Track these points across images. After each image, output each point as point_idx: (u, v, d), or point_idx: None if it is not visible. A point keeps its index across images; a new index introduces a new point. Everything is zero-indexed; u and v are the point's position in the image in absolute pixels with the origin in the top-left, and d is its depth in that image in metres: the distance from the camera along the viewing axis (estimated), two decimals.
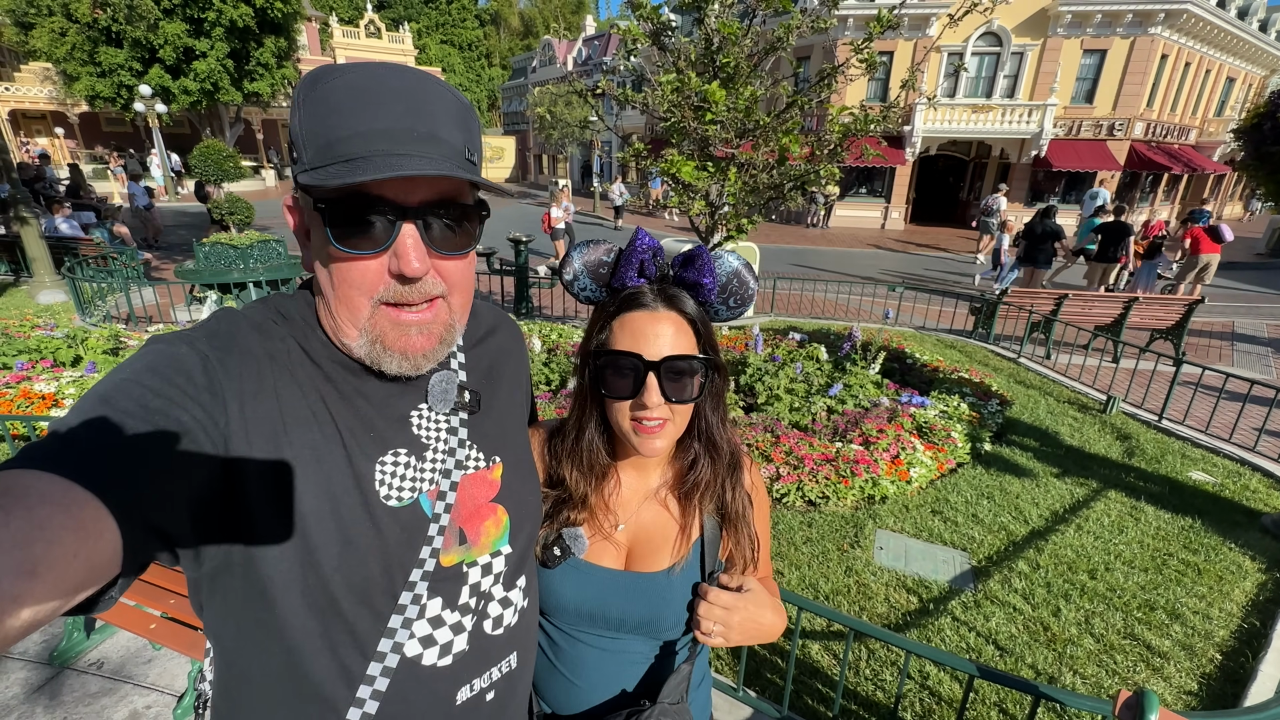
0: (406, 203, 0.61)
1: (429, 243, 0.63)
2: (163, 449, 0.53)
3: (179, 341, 0.61)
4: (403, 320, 0.65)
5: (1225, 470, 4.44)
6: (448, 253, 0.66)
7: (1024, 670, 2.57)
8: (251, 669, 0.67)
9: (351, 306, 0.65)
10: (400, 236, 0.61)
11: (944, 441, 4.31)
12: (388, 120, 0.59)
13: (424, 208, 0.62)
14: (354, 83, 0.59)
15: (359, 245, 0.61)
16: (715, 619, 0.87)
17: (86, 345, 4.91)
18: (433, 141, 0.60)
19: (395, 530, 0.68)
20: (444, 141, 0.61)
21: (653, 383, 0.83)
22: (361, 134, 0.58)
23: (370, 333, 0.65)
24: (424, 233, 0.63)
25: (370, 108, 0.58)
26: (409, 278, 0.63)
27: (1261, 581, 3.23)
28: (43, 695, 2.18)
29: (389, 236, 0.61)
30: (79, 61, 18.27)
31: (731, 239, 4.70)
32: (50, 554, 0.39)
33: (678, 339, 0.84)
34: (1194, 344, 8.03)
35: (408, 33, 36.06)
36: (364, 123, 0.58)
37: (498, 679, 0.78)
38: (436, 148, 0.60)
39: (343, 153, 0.58)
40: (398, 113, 0.59)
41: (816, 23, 4.32)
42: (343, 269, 0.63)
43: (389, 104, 0.59)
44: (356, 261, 0.62)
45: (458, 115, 0.64)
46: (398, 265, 0.62)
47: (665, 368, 0.83)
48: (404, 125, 0.59)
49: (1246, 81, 23.96)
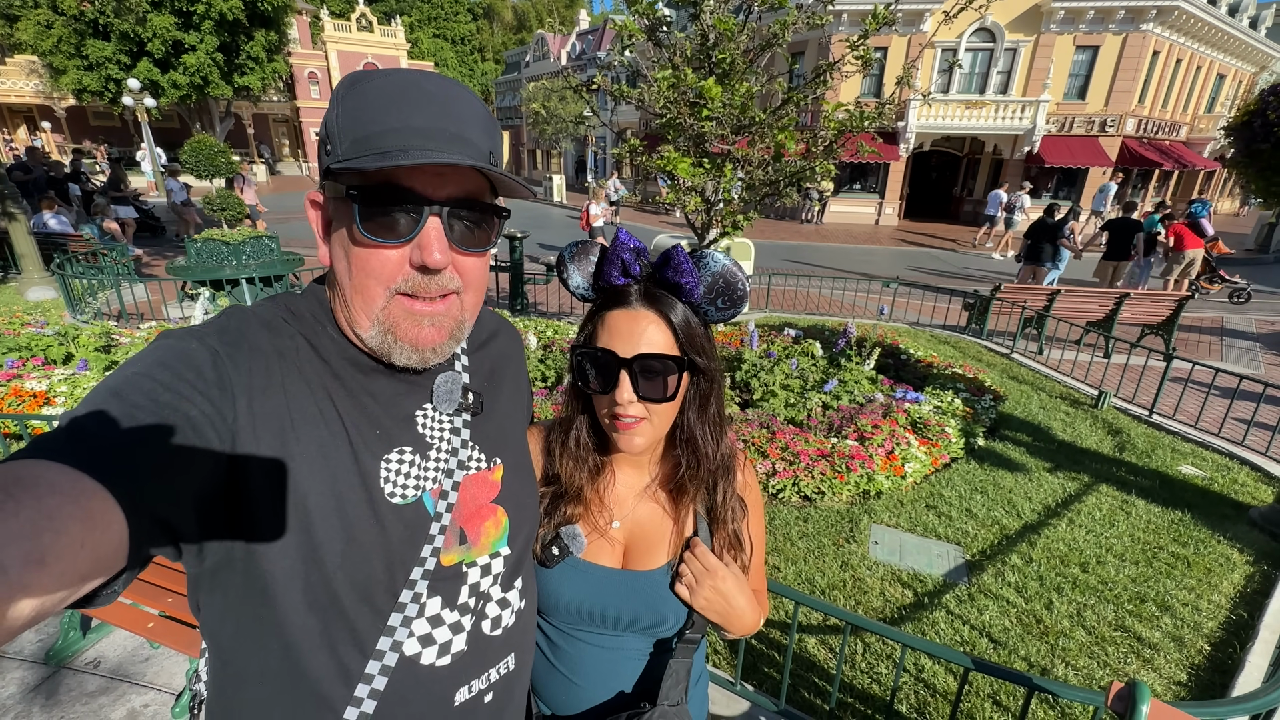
0: (434, 196, 0.64)
1: (451, 237, 0.66)
2: (171, 443, 0.53)
3: (189, 337, 0.62)
4: (416, 310, 0.67)
5: (1214, 464, 4.50)
6: (468, 249, 0.68)
7: (1017, 662, 2.60)
8: (249, 667, 0.67)
9: (367, 296, 0.66)
10: (426, 228, 0.64)
11: (938, 437, 4.34)
12: (422, 120, 0.62)
13: (450, 202, 0.65)
14: (392, 84, 0.63)
15: (385, 234, 0.63)
16: (692, 571, 0.91)
17: (78, 343, 4.86)
18: (462, 142, 0.63)
19: (399, 528, 0.68)
20: (472, 143, 0.64)
21: (625, 379, 0.84)
22: (397, 129, 0.61)
23: (383, 322, 0.67)
24: (447, 227, 0.65)
25: (406, 107, 0.61)
26: (430, 269, 0.65)
27: (1249, 574, 3.28)
28: (39, 695, 2.18)
29: (414, 228, 0.64)
30: (65, 54, 18.01)
31: (727, 235, 4.71)
32: (58, 544, 0.39)
33: (654, 338, 0.85)
34: (1184, 339, 8.11)
35: (400, 26, 35.74)
36: (400, 120, 0.61)
37: (496, 680, 0.79)
38: (466, 148, 0.63)
39: (378, 145, 0.60)
40: (432, 113, 0.62)
41: (812, 19, 4.32)
42: (363, 257, 0.65)
43: (424, 105, 0.62)
44: (379, 250, 0.64)
45: (485, 122, 0.67)
46: (420, 256, 0.64)
47: (638, 365, 0.84)
48: (437, 125, 0.62)
49: (1236, 78, 24.13)
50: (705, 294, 0.87)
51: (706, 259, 0.86)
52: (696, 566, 0.91)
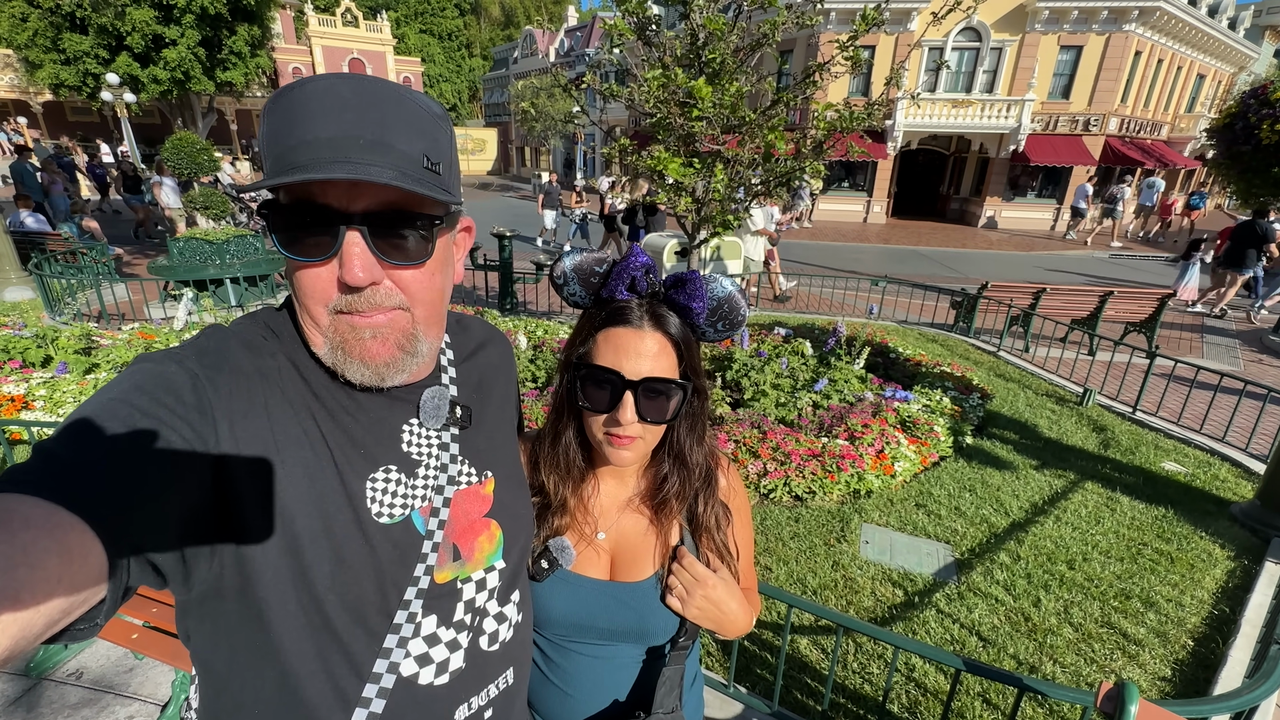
0: (350, 209, 0.60)
1: (378, 252, 0.62)
2: (151, 470, 0.51)
3: (168, 360, 0.60)
4: (357, 324, 0.65)
5: (1196, 460, 4.57)
6: (398, 262, 0.64)
7: (1006, 660, 2.63)
8: (243, 696, 0.65)
9: (313, 314, 0.65)
10: (344, 244, 0.60)
11: (927, 435, 4.38)
12: (334, 128, 0.58)
13: (370, 215, 0.61)
14: (310, 93, 0.59)
15: (306, 252, 0.61)
16: (682, 583, 0.91)
17: (57, 345, 4.76)
18: (380, 149, 0.59)
19: (388, 548, 0.67)
20: (395, 149, 0.60)
21: (629, 401, 0.84)
22: (307, 142, 0.58)
23: (333, 339, 0.65)
24: (370, 241, 0.62)
25: (319, 116, 0.58)
26: (351, 286, 0.62)
27: (1230, 569, 3.34)
28: (19, 708, 2.13)
29: (334, 245, 0.61)
30: (42, 48, 17.59)
31: (717, 235, 4.71)
32: (33, 579, 0.38)
33: (659, 360, 0.84)
34: (1166, 336, 8.24)
35: (386, 21, 35.32)
36: (310, 131, 0.58)
37: (495, 696, 0.78)
38: (385, 155, 0.59)
39: (290, 160, 0.58)
40: (346, 121, 0.58)
41: (801, 18, 4.32)
42: (299, 277, 0.63)
43: (337, 113, 0.58)
44: (308, 269, 0.62)
45: (418, 123, 0.63)
46: (342, 273, 0.62)
47: (643, 388, 0.83)
48: (350, 133, 0.58)
49: (1216, 78, 24.52)
50: (708, 318, 0.87)
51: (713, 283, 0.86)
52: (686, 578, 0.91)
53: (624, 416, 0.83)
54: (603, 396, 0.85)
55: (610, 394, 0.84)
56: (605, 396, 0.85)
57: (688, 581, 0.91)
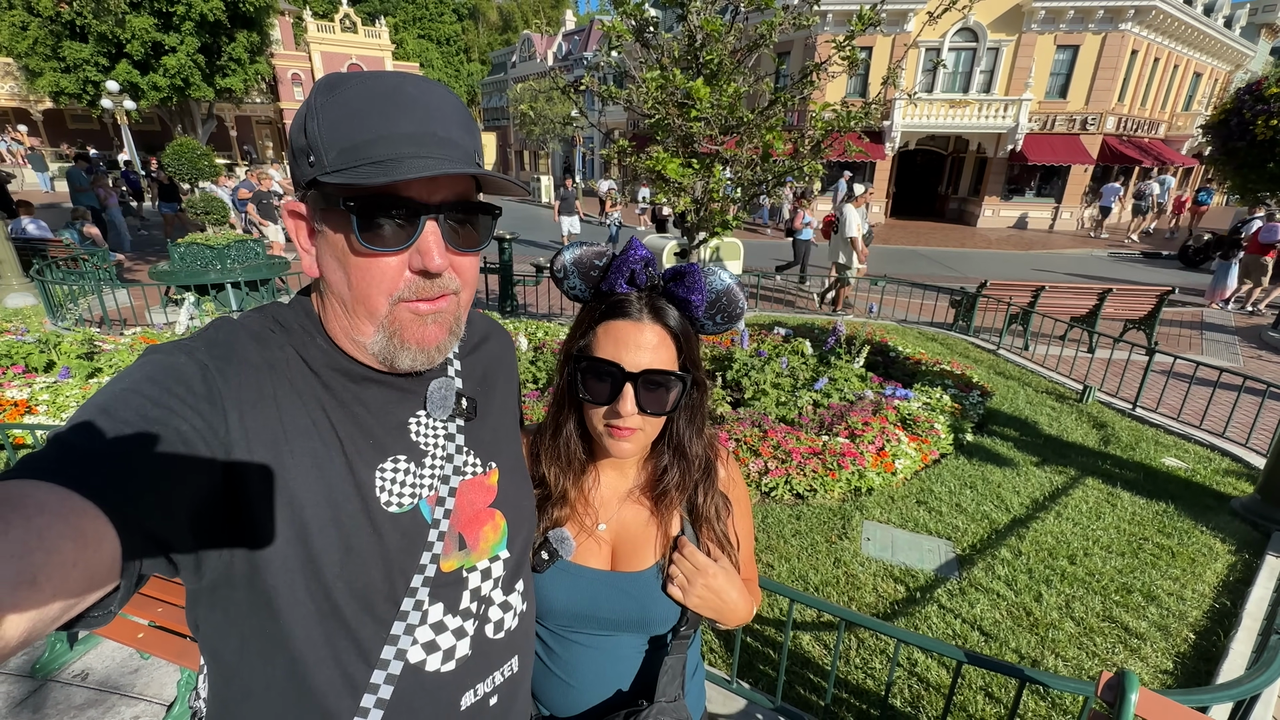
0: (430, 201, 0.64)
1: (447, 240, 0.66)
2: (162, 458, 0.53)
3: (178, 351, 0.61)
4: (421, 311, 0.67)
5: (1196, 456, 4.58)
6: (463, 249, 0.68)
7: (1008, 654, 2.64)
8: (253, 683, 0.66)
9: (371, 305, 0.66)
10: (424, 233, 0.64)
11: (927, 433, 4.39)
12: (410, 125, 0.61)
13: (444, 206, 0.65)
14: (373, 89, 0.62)
15: (385, 243, 0.63)
16: (683, 572, 0.91)
17: (59, 350, 4.78)
18: (449, 144, 0.64)
19: (396, 536, 0.68)
20: (458, 145, 0.64)
21: (629, 393, 0.85)
22: (387, 137, 0.60)
23: (388, 328, 0.67)
24: (444, 230, 0.66)
25: (392, 113, 0.61)
26: (432, 273, 0.65)
27: (1231, 563, 3.34)
28: (25, 709, 2.14)
29: (413, 234, 0.64)
30: (42, 56, 17.68)
31: (717, 235, 4.72)
32: (50, 563, 0.39)
33: (659, 352, 0.86)
34: (1165, 333, 8.25)
35: (384, 27, 35.47)
36: (388, 127, 0.61)
37: (500, 683, 0.79)
38: (453, 150, 0.64)
39: (370, 155, 0.60)
40: (418, 118, 0.62)
41: (798, 20, 4.34)
42: (364, 266, 0.65)
43: (409, 109, 0.62)
44: (379, 259, 0.64)
45: (465, 121, 0.67)
46: (420, 261, 0.64)
47: (643, 380, 0.85)
48: (425, 130, 0.62)
49: (1212, 76, 24.58)
50: (706, 310, 0.88)
51: (713, 277, 0.87)
52: (686, 567, 0.92)
53: (624, 408, 0.85)
54: (603, 389, 0.86)
55: (610, 386, 0.85)
56: (605, 389, 0.86)
57: (689, 570, 0.91)
